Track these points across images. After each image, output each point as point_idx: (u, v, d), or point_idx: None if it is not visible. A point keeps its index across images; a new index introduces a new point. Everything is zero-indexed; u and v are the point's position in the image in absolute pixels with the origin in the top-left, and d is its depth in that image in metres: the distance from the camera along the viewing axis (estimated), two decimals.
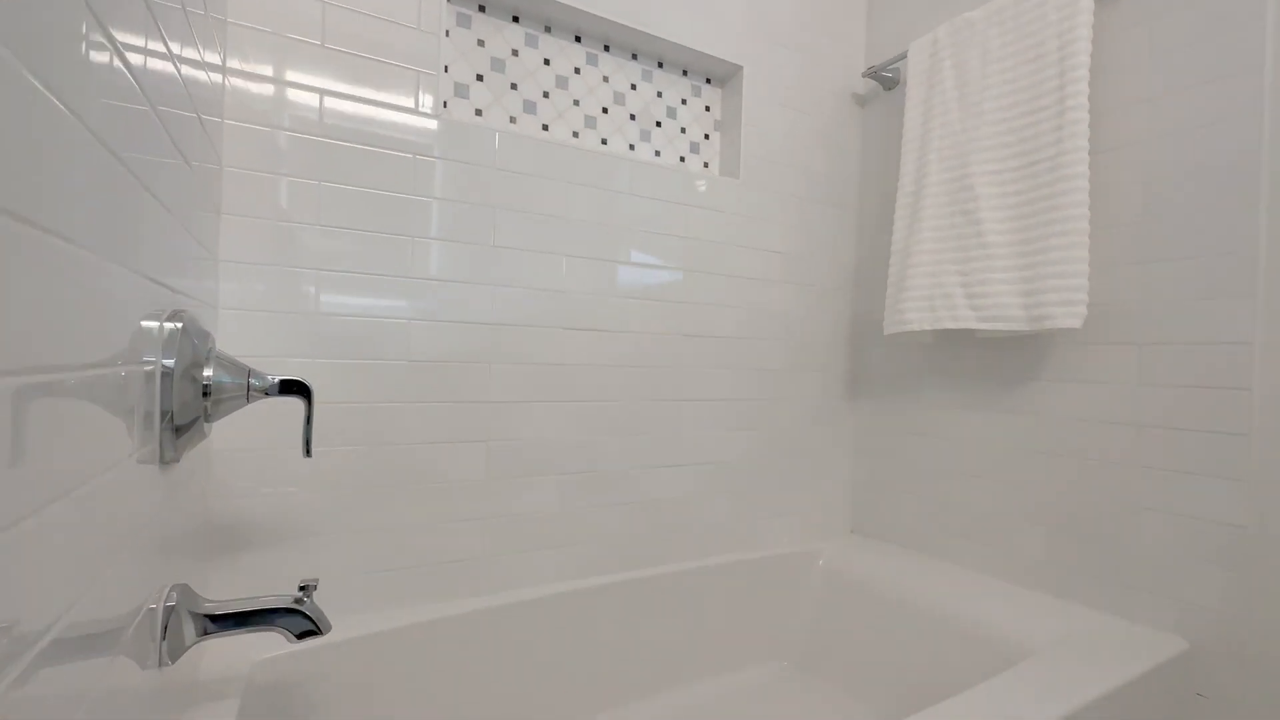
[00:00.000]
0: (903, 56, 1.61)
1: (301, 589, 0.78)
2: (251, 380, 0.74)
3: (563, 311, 1.35)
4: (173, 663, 0.72)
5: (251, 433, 1.07)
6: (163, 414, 0.65)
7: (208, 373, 0.70)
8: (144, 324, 0.58)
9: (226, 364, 0.72)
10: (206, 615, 0.73)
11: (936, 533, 1.58)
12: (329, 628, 0.79)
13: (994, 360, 1.46)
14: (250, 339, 1.06)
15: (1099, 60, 1.28)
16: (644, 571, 1.45)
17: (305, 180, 1.10)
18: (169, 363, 0.65)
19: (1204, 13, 1.13)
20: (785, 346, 1.68)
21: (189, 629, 0.72)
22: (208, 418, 0.71)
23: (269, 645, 1.05)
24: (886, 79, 1.72)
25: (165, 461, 0.67)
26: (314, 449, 1.12)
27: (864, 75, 1.72)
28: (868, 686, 1.45)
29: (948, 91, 1.44)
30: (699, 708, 1.44)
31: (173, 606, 0.71)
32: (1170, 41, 1.18)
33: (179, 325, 0.67)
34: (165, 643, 0.70)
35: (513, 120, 1.38)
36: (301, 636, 0.77)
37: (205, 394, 0.70)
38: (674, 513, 1.52)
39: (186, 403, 0.67)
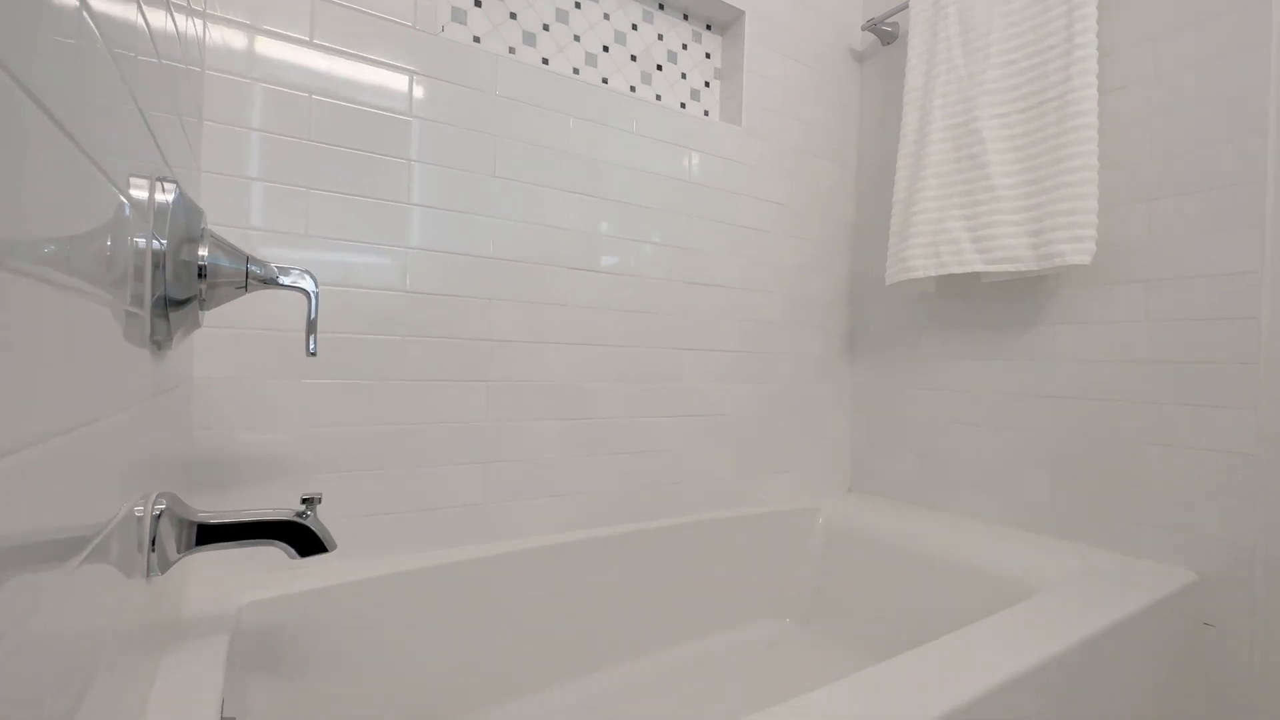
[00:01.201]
0: (904, 6, 1.60)
1: (304, 502, 0.72)
2: (251, 267, 0.67)
3: (565, 249, 1.30)
4: (162, 573, 0.64)
5: (239, 360, 0.99)
6: (155, 292, 0.58)
7: (203, 252, 0.63)
8: (133, 192, 0.51)
9: (224, 246, 0.65)
10: (199, 524, 0.66)
11: (938, 485, 1.57)
12: (334, 545, 0.73)
13: (996, 307, 1.45)
14: None
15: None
16: (645, 524, 1.40)
17: (293, 92, 1.03)
18: (160, 239, 0.58)
19: None
20: (784, 300, 1.65)
21: (180, 539, 0.65)
22: (203, 303, 0.64)
23: (257, 585, 0.97)
24: (885, 33, 1.71)
25: (157, 342, 0.60)
26: (305, 380, 1.05)
27: (863, 29, 1.71)
28: (873, 640, 1.43)
29: (952, 37, 1.44)
30: (701, 664, 1.40)
31: (161, 512, 0.63)
32: None
33: (170, 197, 0.60)
34: (154, 554, 0.63)
35: (511, 50, 1.32)
36: (304, 553, 0.71)
37: (200, 275, 0.63)
38: (676, 464, 1.48)
39: (180, 281, 0.60)
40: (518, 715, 1.17)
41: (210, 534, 0.66)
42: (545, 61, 1.36)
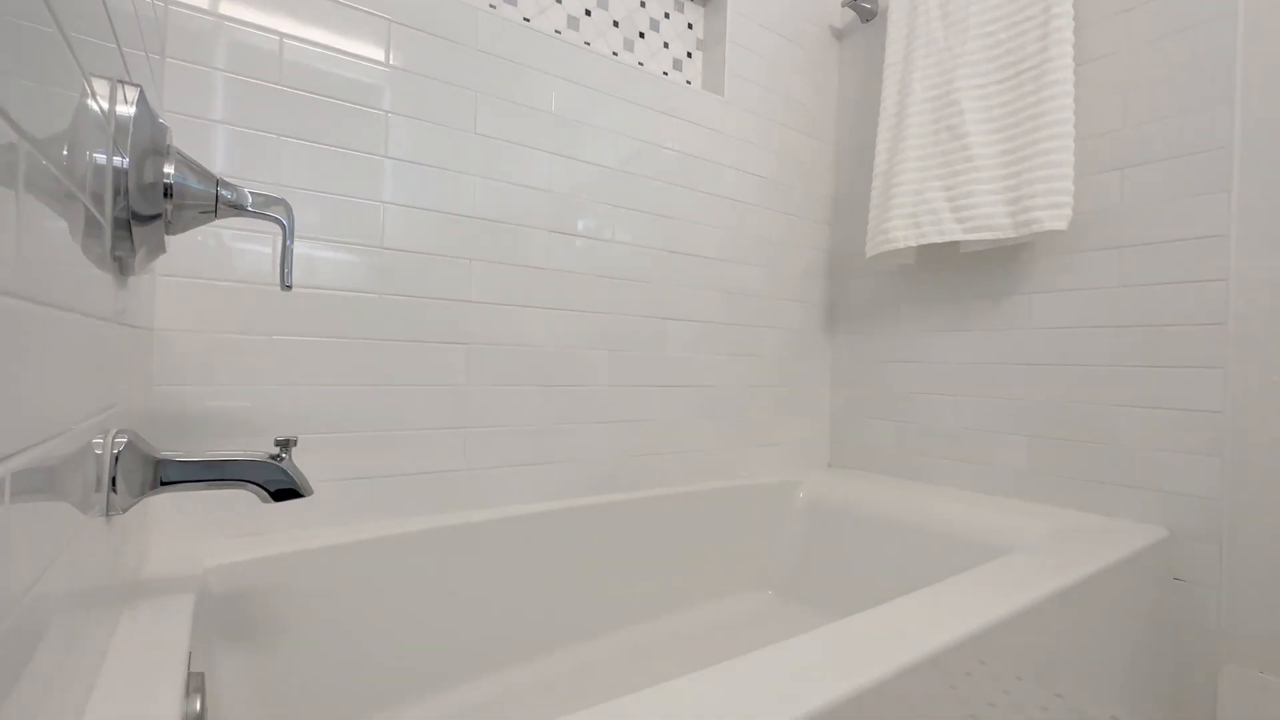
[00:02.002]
0: None
1: (279, 444, 0.68)
2: (221, 190, 0.63)
3: (547, 212, 1.27)
4: (122, 513, 0.60)
5: (204, 312, 0.94)
6: (116, 206, 0.54)
7: (168, 169, 0.59)
8: (89, 102, 0.47)
9: (192, 166, 0.61)
10: (164, 462, 0.62)
11: (917, 457, 1.59)
12: (310, 490, 0.69)
13: (974, 279, 1.47)
14: None
15: None
16: (627, 494, 1.38)
17: (264, 34, 0.98)
18: (122, 156, 0.54)
19: None
20: (765, 273, 1.65)
21: (142, 478, 0.61)
22: (169, 226, 0.60)
23: (224, 549, 0.92)
24: (865, 9, 1.72)
25: (118, 259, 0.56)
26: (276, 336, 1.00)
27: (843, 4, 1.72)
28: (855, 611, 1.44)
29: (931, 9, 1.45)
30: (683, 636, 1.39)
31: (122, 449, 0.59)
32: None
33: (133, 108, 0.56)
34: (114, 493, 0.59)
35: (492, 6, 1.29)
36: (278, 498, 0.67)
37: (167, 194, 0.59)
38: (658, 435, 1.46)
39: (146, 198, 0.56)
40: (494, 688, 1.14)
41: (176, 474, 0.62)
42: (526, 20, 1.33)
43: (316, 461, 1.04)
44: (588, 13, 1.42)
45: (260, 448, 1.00)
